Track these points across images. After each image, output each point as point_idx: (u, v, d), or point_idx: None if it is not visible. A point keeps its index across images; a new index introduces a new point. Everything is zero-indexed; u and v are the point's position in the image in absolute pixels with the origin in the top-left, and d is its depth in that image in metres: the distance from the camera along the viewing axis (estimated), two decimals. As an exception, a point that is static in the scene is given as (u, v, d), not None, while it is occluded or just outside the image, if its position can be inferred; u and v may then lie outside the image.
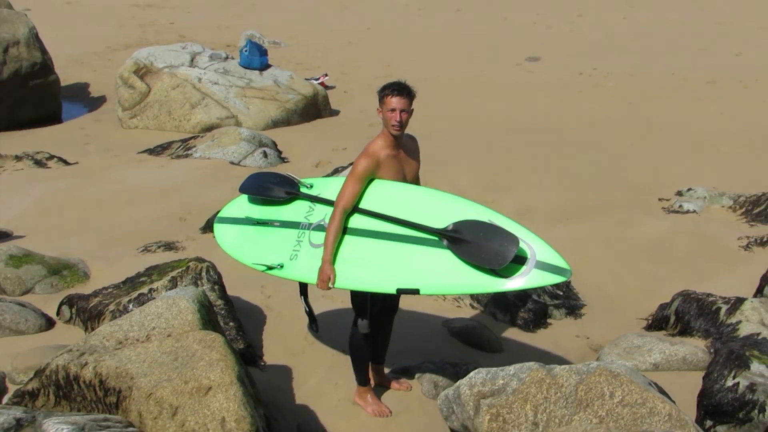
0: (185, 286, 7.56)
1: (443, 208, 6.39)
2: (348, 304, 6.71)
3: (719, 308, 7.90)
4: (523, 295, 8.44)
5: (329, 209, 6.55)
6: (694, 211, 11.18)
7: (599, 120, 15.73)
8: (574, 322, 8.53)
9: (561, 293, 8.83)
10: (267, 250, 6.76)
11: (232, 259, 9.00)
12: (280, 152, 13.98)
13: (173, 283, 7.72)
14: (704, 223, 10.70)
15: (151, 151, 13.97)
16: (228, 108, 15.97)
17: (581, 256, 9.69)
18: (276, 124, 16.02)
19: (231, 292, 7.90)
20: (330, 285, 6.35)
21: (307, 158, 13.79)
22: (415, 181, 6.75)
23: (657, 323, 8.28)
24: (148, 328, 6.32)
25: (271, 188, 7.00)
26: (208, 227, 10.36)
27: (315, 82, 18.03)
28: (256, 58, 17.13)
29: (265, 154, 13.45)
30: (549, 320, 8.48)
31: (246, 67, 17.04)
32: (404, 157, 6.64)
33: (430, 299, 8.26)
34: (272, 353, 7.50)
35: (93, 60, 21.62)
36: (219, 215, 7.35)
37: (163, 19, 27.04)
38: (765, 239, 10.04)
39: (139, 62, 16.65)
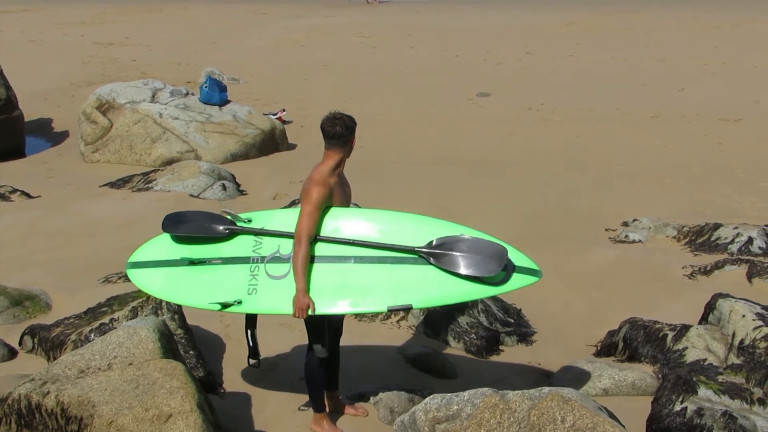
0: (146, 315, 7.64)
1: (411, 227, 6.59)
2: (303, 332, 6.84)
3: (666, 335, 8.04)
4: (475, 323, 8.62)
5: (281, 241, 6.57)
6: (640, 241, 11.42)
7: (548, 153, 15.99)
8: (525, 348, 8.68)
9: (512, 321, 8.98)
10: (215, 289, 6.58)
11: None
12: (238, 185, 14.11)
13: (134, 313, 7.80)
14: (650, 253, 10.92)
15: (113, 185, 14.02)
16: (188, 142, 16.08)
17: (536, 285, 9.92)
18: (235, 157, 16.14)
19: (191, 321, 7.98)
20: (310, 312, 6.33)
21: (265, 191, 13.91)
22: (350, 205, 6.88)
23: (606, 349, 8.41)
24: (109, 356, 6.40)
25: (208, 226, 6.78)
26: (168, 259, 10.46)
27: (273, 117, 18.13)
28: (216, 93, 17.21)
29: (224, 187, 13.58)
30: (501, 347, 8.60)
31: (206, 103, 17.12)
32: (344, 182, 6.87)
33: (385, 327, 8.42)
34: (232, 381, 7.60)
35: (56, 96, 21.62)
36: (132, 260, 7.01)
37: (125, 56, 27.07)
38: (708, 268, 10.26)
39: (101, 98, 16.72)
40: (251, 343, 6.80)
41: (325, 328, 6.63)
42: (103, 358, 6.39)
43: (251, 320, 6.79)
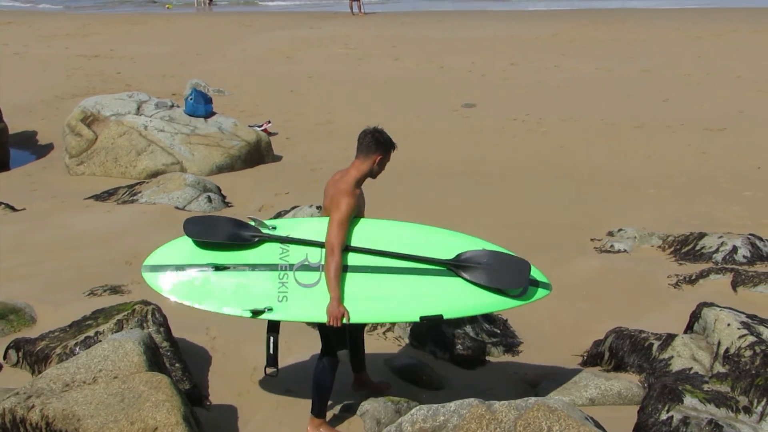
0: (131, 328, 7.61)
1: (435, 240, 6.93)
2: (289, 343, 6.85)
3: (651, 344, 8.06)
4: (462, 334, 8.62)
5: (308, 249, 6.73)
6: (625, 251, 11.47)
7: (533, 163, 16.04)
8: (511, 359, 8.69)
9: (498, 331, 9.00)
10: (244, 296, 6.67)
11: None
12: (224, 197, 14.11)
13: (119, 326, 7.77)
14: (635, 262, 10.97)
15: (98, 197, 14.01)
16: (173, 154, 16.07)
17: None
18: (220, 169, 16.13)
19: (176, 333, 7.98)
20: (345, 321, 6.50)
21: (250, 203, 13.92)
22: None
23: (592, 359, 8.44)
24: (94, 370, 6.39)
25: (236, 232, 6.86)
26: (153, 271, 10.45)
27: (258, 129, 18.15)
28: (201, 106, 17.21)
29: (210, 199, 13.58)
30: (488, 357, 8.62)
31: (191, 115, 17.12)
32: (362, 195, 7.04)
33: (371, 338, 8.43)
34: (217, 393, 7.59)
35: (41, 108, 21.58)
36: (149, 263, 6.98)
37: (109, 69, 27.04)
38: (693, 277, 10.32)
39: (86, 110, 16.69)
40: (271, 351, 6.86)
41: (346, 334, 6.80)
42: (88, 371, 6.38)
43: (273, 326, 6.87)
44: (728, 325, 7.81)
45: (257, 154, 17.01)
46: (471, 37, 31.67)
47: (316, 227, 6.81)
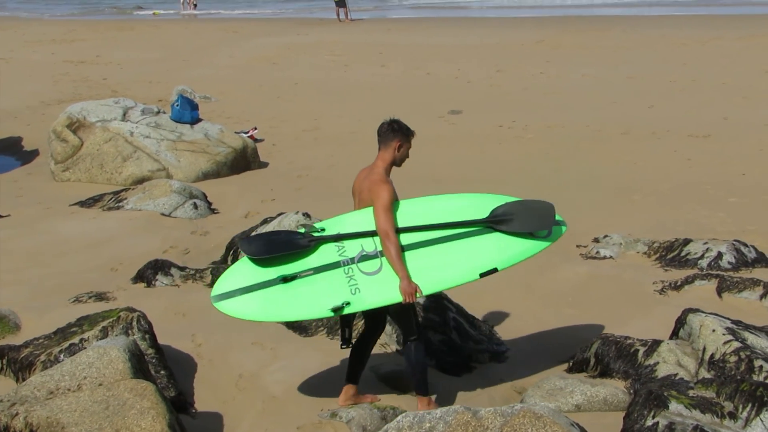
0: (116, 335, 7.59)
1: (465, 204, 7.50)
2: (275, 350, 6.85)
3: (637, 350, 8.07)
4: (447, 341, 8.62)
5: (361, 240, 7.14)
6: (611, 257, 11.48)
7: (518, 170, 16.07)
8: (497, 365, 8.68)
9: (484, 338, 9.00)
10: (319, 298, 6.96)
11: (161, 308, 9.17)
12: (210, 203, 14.08)
13: (104, 333, 7.75)
14: (621, 269, 10.98)
15: (83, 204, 13.96)
16: (159, 161, 16.03)
17: (503, 301, 9.96)
18: (206, 176, 16.10)
19: (162, 340, 7.96)
20: (418, 295, 6.95)
21: (236, 209, 13.90)
22: None
23: (578, 365, 8.42)
24: (79, 377, 6.37)
25: (291, 242, 7.15)
26: (138, 277, 10.44)
27: (244, 135, 18.12)
28: (187, 112, 17.18)
29: (196, 206, 13.55)
30: (473, 364, 8.60)
31: (177, 121, 17.08)
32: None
33: (358, 345, 8.43)
34: (203, 400, 7.58)
35: (27, 114, 21.52)
36: (217, 292, 7.08)
37: (95, 75, 26.98)
38: (679, 283, 10.32)
39: (72, 116, 16.64)
40: (347, 335, 7.28)
41: (414, 314, 7.27)
42: (72, 378, 6.37)
43: (348, 321, 7.28)
44: (713, 330, 7.84)
45: (243, 161, 16.99)
46: (457, 44, 31.75)
47: (358, 219, 7.22)
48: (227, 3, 53.92)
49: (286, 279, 7.00)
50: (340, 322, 7.28)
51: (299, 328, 8.87)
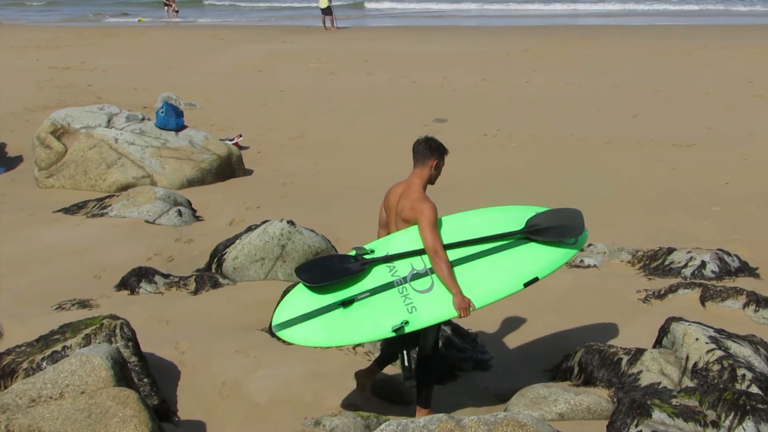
0: (99, 343, 7.55)
1: (498, 218, 7.68)
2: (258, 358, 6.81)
3: (621, 359, 8.08)
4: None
5: (410, 260, 7.27)
6: (595, 266, 11.52)
7: (504, 179, 16.10)
8: (481, 374, 8.72)
9: (468, 346, 9.02)
10: (378, 319, 7.05)
11: (145, 316, 9.15)
12: (194, 211, 14.04)
13: (87, 341, 7.70)
14: (605, 277, 11.02)
15: (67, 210, 13.90)
16: (144, 168, 15.99)
17: (488, 310, 9.90)
18: (191, 183, 16.07)
19: (145, 348, 7.92)
20: (471, 310, 7.11)
21: (221, 217, 13.88)
22: None
23: (562, 374, 8.45)
24: (61, 385, 6.34)
25: (346, 268, 7.25)
26: (122, 285, 10.41)
27: (229, 142, 18.09)
28: (172, 119, 17.13)
29: (180, 213, 13.51)
30: (457, 372, 8.64)
31: (162, 128, 17.02)
32: None
33: (341, 353, 8.42)
34: (186, 409, 7.56)
35: (10, 120, 21.42)
36: (278, 321, 7.15)
37: (80, 81, 26.91)
38: (662, 292, 10.37)
39: (56, 123, 16.56)
40: (406, 363, 7.32)
41: (437, 332, 7.53)
42: (55, 386, 6.33)
43: (403, 340, 7.33)
44: (696, 339, 7.87)
45: (228, 168, 16.96)
46: (443, 53, 31.80)
47: (405, 239, 7.35)
48: (211, 13, 53.85)
49: (345, 303, 7.11)
50: (400, 355, 7.38)
51: (283, 335, 8.86)
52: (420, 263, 7.26)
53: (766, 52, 29.87)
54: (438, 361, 7.63)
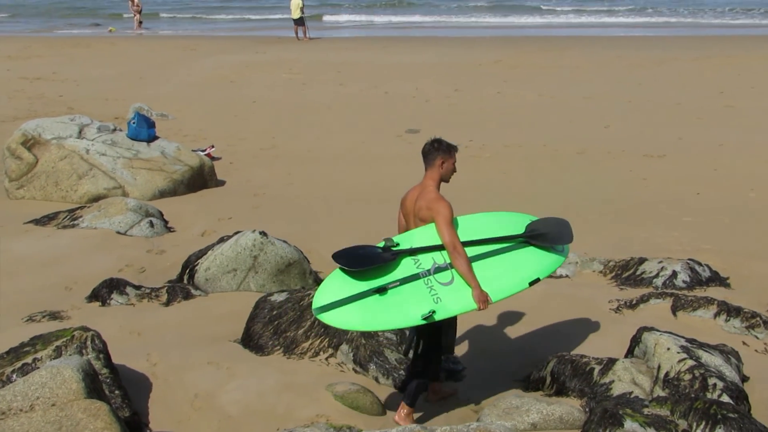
0: (70, 355, 7.50)
1: (501, 222, 8.25)
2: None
3: (593, 368, 8.13)
4: (404, 359, 8.62)
5: (432, 254, 7.67)
6: (567, 276, 11.56)
7: (476, 189, 16.12)
8: (454, 384, 8.71)
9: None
10: (408, 307, 7.44)
11: (116, 327, 9.10)
12: (166, 222, 13.98)
13: (58, 353, 7.65)
14: (577, 287, 11.07)
15: (38, 222, 13.80)
16: (115, 179, 15.91)
17: (460, 320, 9.93)
18: (163, 194, 16.01)
19: (116, 360, 7.87)
20: (489, 303, 7.55)
21: (193, 228, 13.82)
22: None
23: (534, 384, 8.49)
24: (32, 398, 6.30)
25: (379, 256, 7.63)
26: (93, 296, 10.35)
27: (201, 153, 18.04)
28: (144, 130, 17.07)
29: (152, 224, 13.45)
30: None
31: (134, 139, 16.95)
32: None
33: (314, 364, 8.42)
34: (158, 421, 7.51)
35: (-19, 131, 21.27)
36: (319, 305, 7.43)
37: (51, 91, 26.77)
38: (634, 302, 10.42)
39: (27, 134, 16.45)
40: (413, 343, 7.91)
41: (444, 334, 8.06)
42: (25, 399, 6.30)
43: (418, 340, 7.86)
44: (668, 349, 7.92)
45: (200, 179, 16.91)
46: (415, 63, 31.88)
47: (425, 235, 7.76)
48: (183, 24, 53.75)
49: (379, 290, 7.45)
50: (409, 336, 8.01)
51: (255, 347, 8.83)
52: (441, 258, 7.67)
53: (737, 63, 30.15)
54: (432, 372, 7.98)
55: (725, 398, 7.37)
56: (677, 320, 9.87)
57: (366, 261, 7.59)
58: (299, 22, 41.04)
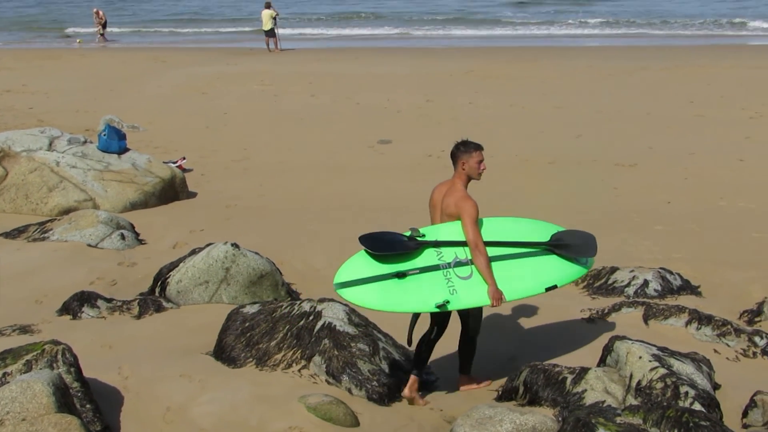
0: (40, 369, 7.44)
1: (527, 228, 8.77)
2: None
3: (565, 378, 8.14)
4: (377, 370, 8.61)
5: (455, 249, 8.18)
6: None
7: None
8: (427, 395, 8.71)
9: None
10: (424, 294, 7.99)
11: (87, 341, 9.03)
12: (137, 234, 13.92)
13: (28, 367, 7.57)
14: (549, 297, 10.98)
15: (7, 235, 13.70)
16: (86, 191, 15.83)
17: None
18: (134, 206, 15.93)
19: (88, 373, 7.80)
20: (503, 302, 8.12)
21: (164, 240, 13.77)
22: None
23: (507, 394, 8.48)
24: (1, 412, 6.26)
25: (403, 243, 8.15)
26: (64, 309, 10.28)
27: (173, 165, 17.98)
28: (115, 141, 17.00)
29: (123, 237, 13.39)
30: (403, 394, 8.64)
31: (104, 151, 16.88)
32: None
33: (286, 376, 8.38)
34: (129, 435, 7.49)
35: (-51, 144, 21.07)
36: (340, 281, 8.03)
37: (21, 103, 26.61)
38: (606, 311, 10.48)
39: (-4, 146, 16.38)
40: (412, 330, 8.37)
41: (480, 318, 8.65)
42: (-6, 414, 6.23)
43: (414, 321, 8.41)
44: (640, 357, 7.95)
45: (172, 191, 16.85)
46: (387, 74, 31.92)
47: (450, 230, 8.25)
48: (151, 36, 53.60)
49: (399, 275, 7.98)
50: (411, 320, 8.37)
51: (228, 359, 8.80)
52: (462, 253, 8.16)
53: (706, 73, 30.39)
54: (474, 343, 8.75)
55: (697, 406, 7.40)
56: (649, 329, 9.93)
57: (390, 246, 8.11)
58: (270, 33, 41.00)
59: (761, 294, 11.33)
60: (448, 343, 9.64)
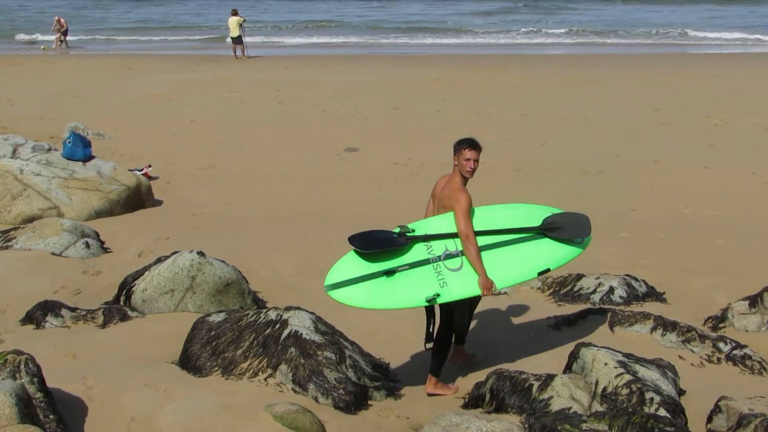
0: (3, 379, 7.36)
1: (519, 214, 8.91)
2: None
3: (531, 385, 8.16)
4: (343, 378, 8.59)
5: (445, 241, 8.41)
6: (505, 293, 11.60)
7: (415, 207, 16.01)
8: (394, 402, 8.69)
9: (381, 375, 9.00)
10: (414, 290, 8.18)
11: (51, 350, 8.96)
12: (102, 242, 13.81)
13: (-10, 377, 7.57)
14: (515, 304, 11.14)
15: (-30, 244, 13.59)
16: (50, 199, 15.69)
17: (398, 337, 10.01)
18: (99, 214, 15.81)
19: (51, 383, 7.73)
20: (493, 290, 8.34)
21: (129, 248, 13.68)
22: None
23: (473, 401, 8.49)
24: (-37, 424, 6.20)
25: (393, 240, 8.37)
26: (27, 319, 10.18)
27: (138, 173, 17.87)
28: (80, 149, 16.87)
29: (87, 245, 13.28)
30: (370, 402, 8.58)
31: (69, 159, 16.74)
32: None
33: (252, 385, 8.34)
34: (94, 445, 7.43)
35: None
36: (331, 282, 8.23)
37: (-16, 111, 26.43)
38: (572, 318, 10.51)
39: (-42, 154, 16.22)
40: (430, 329, 8.57)
41: (467, 312, 8.92)
42: (-45, 425, 6.17)
43: (430, 311, 8.55)
44: (605, 364, 7.98)
45: (137, 199, 16.75)
46: (354, 82, 31.93)
47: (441, 223, 8.50)
48: (117, 43, 53.35)
49: (388, 273, 8.17)
50: (427, 321, 8.56)
51: (193, 368, 8.75)
52: (453, 245, 8.38)
53: (671, 81, 30.65)
54: (449, 340, 8.84)
55: (662, 412, 7.44)
56: (615, 335, 9.97)
57: (379, 244, 8.30)
58: (237, 40, 40.93)
59: (725, 300, 11.43)
60: (414, 350, 9.67)
